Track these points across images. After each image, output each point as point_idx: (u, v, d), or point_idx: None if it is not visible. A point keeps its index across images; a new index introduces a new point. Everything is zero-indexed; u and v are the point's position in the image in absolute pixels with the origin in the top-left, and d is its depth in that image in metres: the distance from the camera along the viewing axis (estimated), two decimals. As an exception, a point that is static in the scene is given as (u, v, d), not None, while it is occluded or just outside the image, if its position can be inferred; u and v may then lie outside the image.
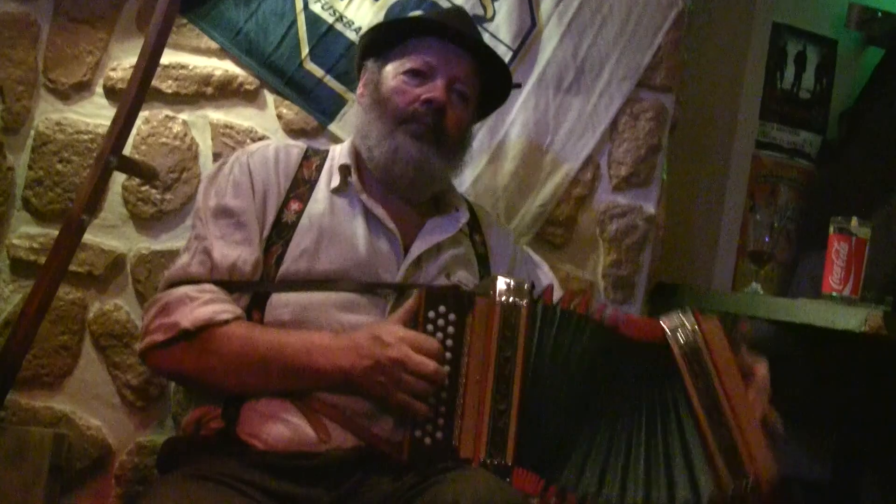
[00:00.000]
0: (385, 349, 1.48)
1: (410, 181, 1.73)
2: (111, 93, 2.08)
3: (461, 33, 1.77)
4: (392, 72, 1.76)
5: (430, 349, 1.49)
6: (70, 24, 2.08)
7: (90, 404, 2.07)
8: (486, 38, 2.12)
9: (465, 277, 1.76)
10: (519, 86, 2.11)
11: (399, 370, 1.46)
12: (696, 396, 1.55)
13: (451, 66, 1.75)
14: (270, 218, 1.68)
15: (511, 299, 1.53)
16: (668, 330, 1.60)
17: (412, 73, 1.74)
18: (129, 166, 1.92)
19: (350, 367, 1.50)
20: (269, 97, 2.13)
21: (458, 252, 1.79)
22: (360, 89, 1.84)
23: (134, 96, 1.81)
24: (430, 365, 1.47)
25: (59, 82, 2.08)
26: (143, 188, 2.08)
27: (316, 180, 1.75)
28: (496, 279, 1.57)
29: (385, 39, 1.81)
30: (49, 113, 2.08)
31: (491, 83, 1.86)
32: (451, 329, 1.51)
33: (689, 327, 1.60)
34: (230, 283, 1.62)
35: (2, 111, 2.05)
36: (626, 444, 1.55)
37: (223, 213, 1.67)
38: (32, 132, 2.07)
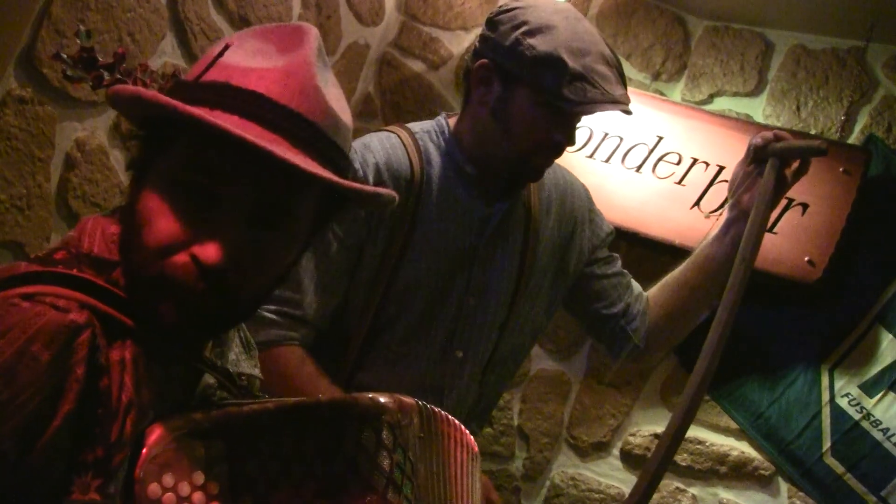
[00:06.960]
0: None
1: None
2: (627, 457, 2.17)
3: None
4: None
5: None
6: (598, 386, 2.24)
7: None
8: None
9: None
10: None
11: None
12: None
13: None
14: None
15: None
16: None
17: None
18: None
19: None
20: (783, 485, 2.09)
21: None
22: None
23: (654, 472, 1.85)
24: None
25: (581, 440, 2.21)
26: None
27: None
28: None
29: None
30: (566, 467, 2.20)
31: None
32: None
33: None
34: None
35: (525, 459, 2.21)
36: None
37: None
38: (548, 483, 2.19)
